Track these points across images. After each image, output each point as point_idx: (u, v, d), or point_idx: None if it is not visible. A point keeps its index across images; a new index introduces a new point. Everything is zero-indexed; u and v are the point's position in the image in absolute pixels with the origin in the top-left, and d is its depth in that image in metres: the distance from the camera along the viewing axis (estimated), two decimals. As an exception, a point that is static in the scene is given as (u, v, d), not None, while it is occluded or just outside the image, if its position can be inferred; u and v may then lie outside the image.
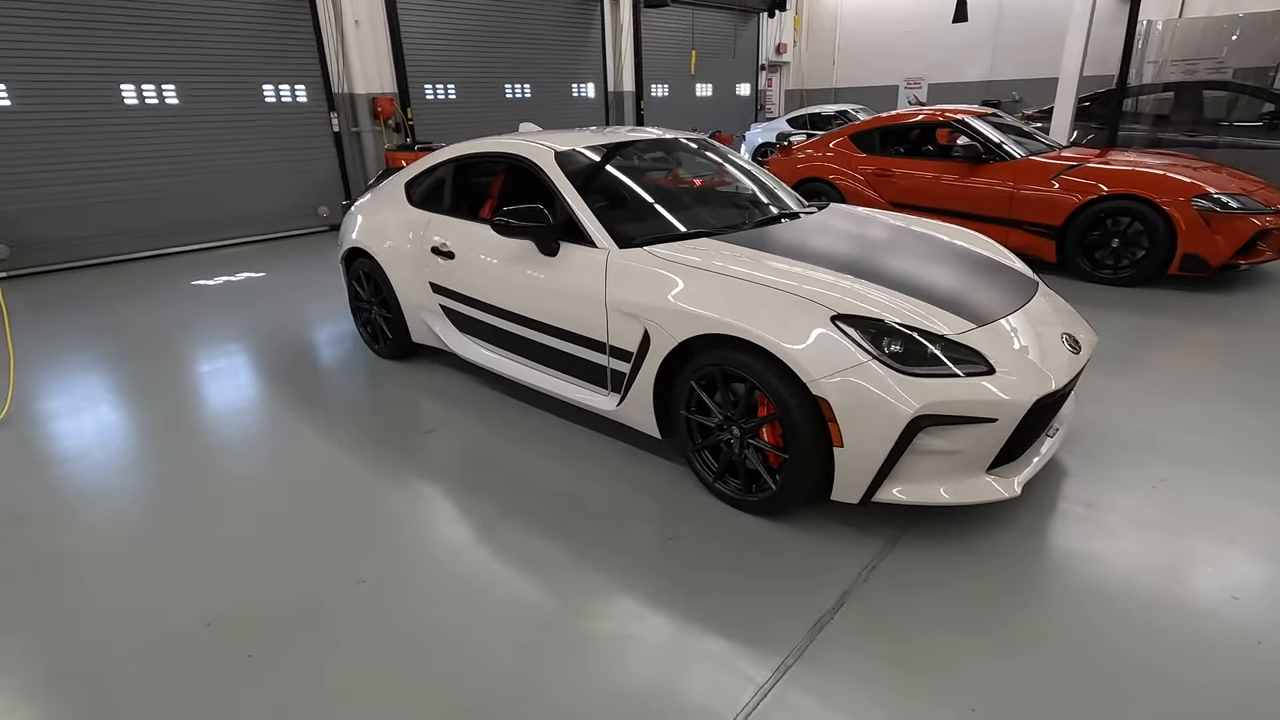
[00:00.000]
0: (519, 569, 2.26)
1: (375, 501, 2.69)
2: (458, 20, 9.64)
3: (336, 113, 8.64)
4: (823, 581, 2.15)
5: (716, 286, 2.42)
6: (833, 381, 2.11)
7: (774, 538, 2.38)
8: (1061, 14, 12.28)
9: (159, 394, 3.80)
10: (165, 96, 7.33)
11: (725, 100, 14.74)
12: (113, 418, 3.53)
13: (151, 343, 4.67)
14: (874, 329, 2.16)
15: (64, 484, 2.90)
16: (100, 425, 3.45)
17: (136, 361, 4.31)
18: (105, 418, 3.53)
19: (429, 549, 2.38)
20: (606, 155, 3.30)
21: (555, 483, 2.78)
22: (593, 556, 2.31)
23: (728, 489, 2.54)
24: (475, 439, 3.17)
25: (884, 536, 2.36)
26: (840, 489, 2.24)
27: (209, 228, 7.92)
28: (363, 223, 4.03)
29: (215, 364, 4.24)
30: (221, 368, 4.17)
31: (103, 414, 3.58)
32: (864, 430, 2.10)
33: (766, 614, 2.02)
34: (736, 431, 2.44)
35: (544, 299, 2.96)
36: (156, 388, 3.89)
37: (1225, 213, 4.78)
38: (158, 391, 3.83)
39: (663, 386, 2.64)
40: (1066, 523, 2.40)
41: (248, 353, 4.41)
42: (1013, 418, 2.12)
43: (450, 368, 4.02)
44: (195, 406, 3.63)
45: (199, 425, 3.41)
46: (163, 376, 4.05)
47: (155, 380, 4.00)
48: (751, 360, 2.27)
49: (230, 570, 2.31)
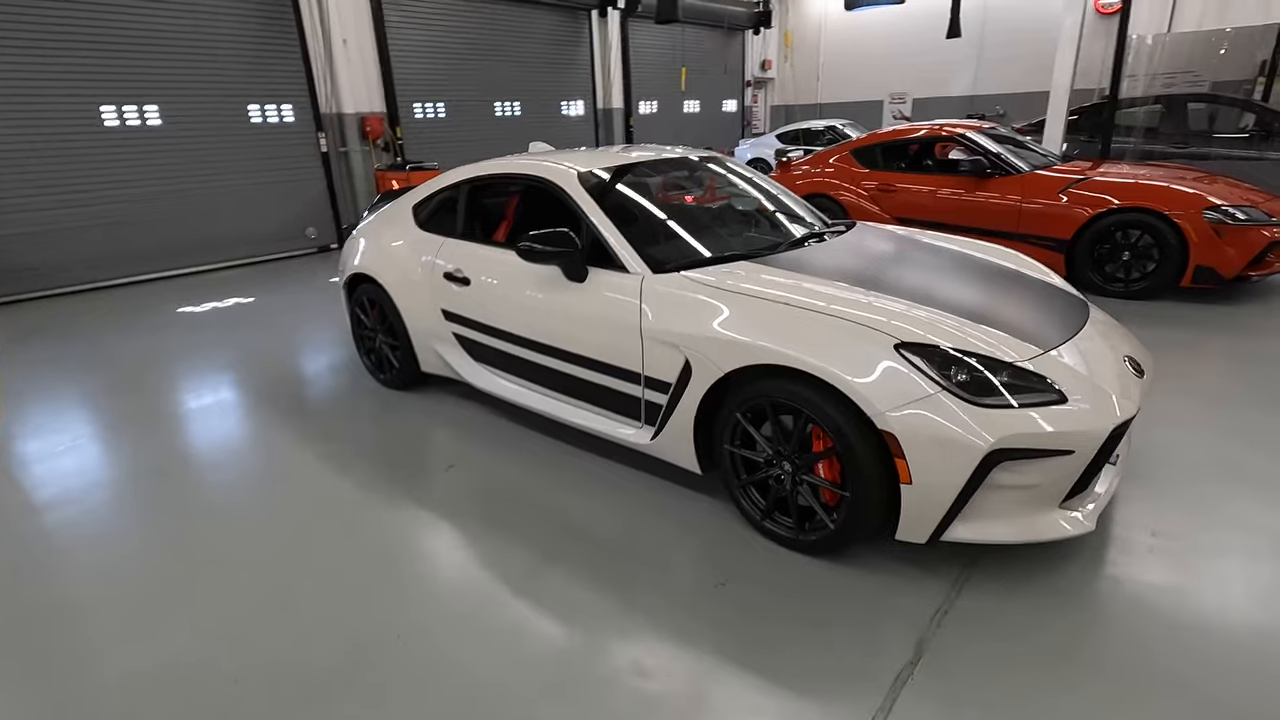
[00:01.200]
0: (567, 622, 2.09)
1: (401, 545, 2.51)
2: (446, 38, 9.53)
3: (324, 133, 8.45)
4: (894, 630, 2.01)
5: (766, 314, 2.29)
6: (900, 415, 1.98)
7: (832, 581, 2.24)
8: (1044, 30, 12.49)
9: (153, 431, 3.58)
10: (147, 117, 7.10)
11: (712, 116, 14.76)
12: (105, 458, 3.30)
13: (140, 375, 4.43)
14: (940, 357, 2.04)
15: (58, 531, 2.69)
16: (92, 466, 3.22)
17: (126, 396, 4.08)
18: (97, 458, 3.31)
19: (467, 599, 2.21)
20: (630, 176, 3.17)
21: (592, 522, 2.61)
22: (643, 606, 2.15)
23: (778, 528, 2.39)
24: (499, 475, 3.00)
25: (949, 576, 2.23)
26: (907, 528, 2.11)
27: (194, 252, 7.67)
28: (367, 247, 3.86)
29: (209, 398, 4.02)
30: (216, 401, 3.96)
31: (94, 454, 3.35)
32: (935, 466, 1.98)
33: (841, 669, 1.88)
34: (788, 467, 2.31)
35: (571, 327, 2.81)
36: (150, 424, 3.67)
37: (1236, 225, 4.77)
38: (151, 429, 3.61)
39: (703, 419, 2.50)
40: (1136, 554, 2.29)
41: (243, 385, 4.20)
42: (1090, 449, 2.00)
43: (461, 397, 3.84)
44: (193, 444, 3.42)
45: (199, 465, 3.20)
46: (155, 412, 3.83)
47: (148, 416, 3.77)
48: (807, 392, 2.14)
49: (251, 624, 2.12)
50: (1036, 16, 12.64)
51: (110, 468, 3.21)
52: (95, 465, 3.24)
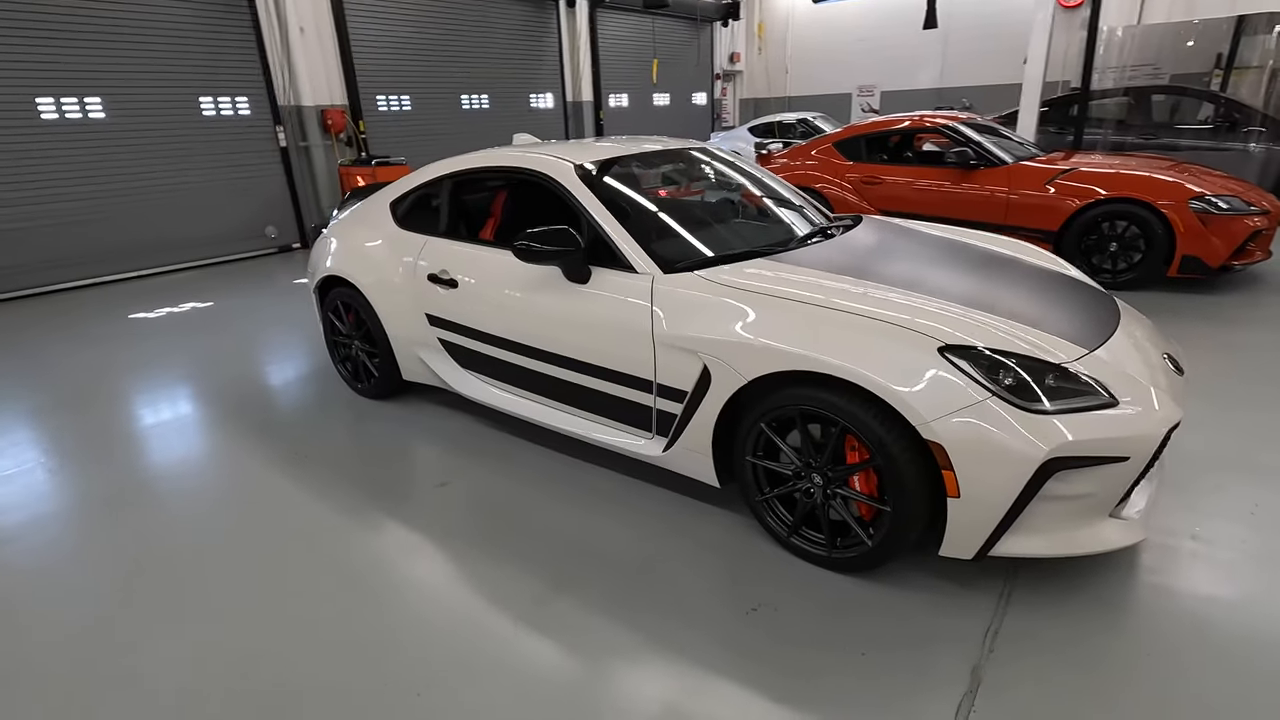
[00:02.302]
0: (590, 660, 1.89)
1: (398, 577, 2.27)
2: (410, 28, 9.15)
3: (283, 126, 8.03)
4: (944, 655, 1.87)
5: (793, 316, 2.12)
6: (948, 424, 1.83)
7: (868, 601, 2.09)
8: (1008, 23, 12.62)
9: (107, 453, 3.26)
10: (89, 110, 6.62)
11: (683, 110, 14.59)
12: (54, 485, 2.98)
13: (90, 390, 4.07)
14: (986, 361, 1.90)
15: (2, 571, 2.38)
16: (39, 495, 2.90)
17: (75, 413, 3.73)
18: (44, 486, 2.98)
19: (483, 641, 1.99)
20: (627, 169, 2.97)
21: (602, 543, 2.42)
22: (670, 638, 1.97)
23: (808, 544, 2.23)
24: (495, 492, 2.78)
25: (991, 591, 2.09)
26: (952, 544, 1.96)
27: (144, 253, 7.21)
28: (340, 248, 3.58)
29: (166, 414, 3.70)
30: (174, 418, 3.64)
31: (40, 481, 3.03)
32: (985, 478, 1.83)
33: (896, 703, 1.72)
34: (818, 480, 2.14)
35: (573, 332, 2.60)
36: (103, 446, 3.34)
37: (1220, 214, 4.79)
38: (105, 450, 3.29)
39: (722, 429, 2.32)
40: (1180, 560, 2.19)
41: (203, 398, 3.88)
42: (1145, 454, 1.89)
43: (445, 406, 3.60)
44: (149, 469, 3.11)
45: (155, 493, 2.90)
46: (109, 431, 3.50)
47: (100, 436, 3.44)
48: (843, 400, 1.98)
49: (239, 682, 1.87)
50: (1001, 10, 12.75)
51: (54, 499, 2.90)
52: (38, 496, 2.92)
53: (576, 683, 1.82)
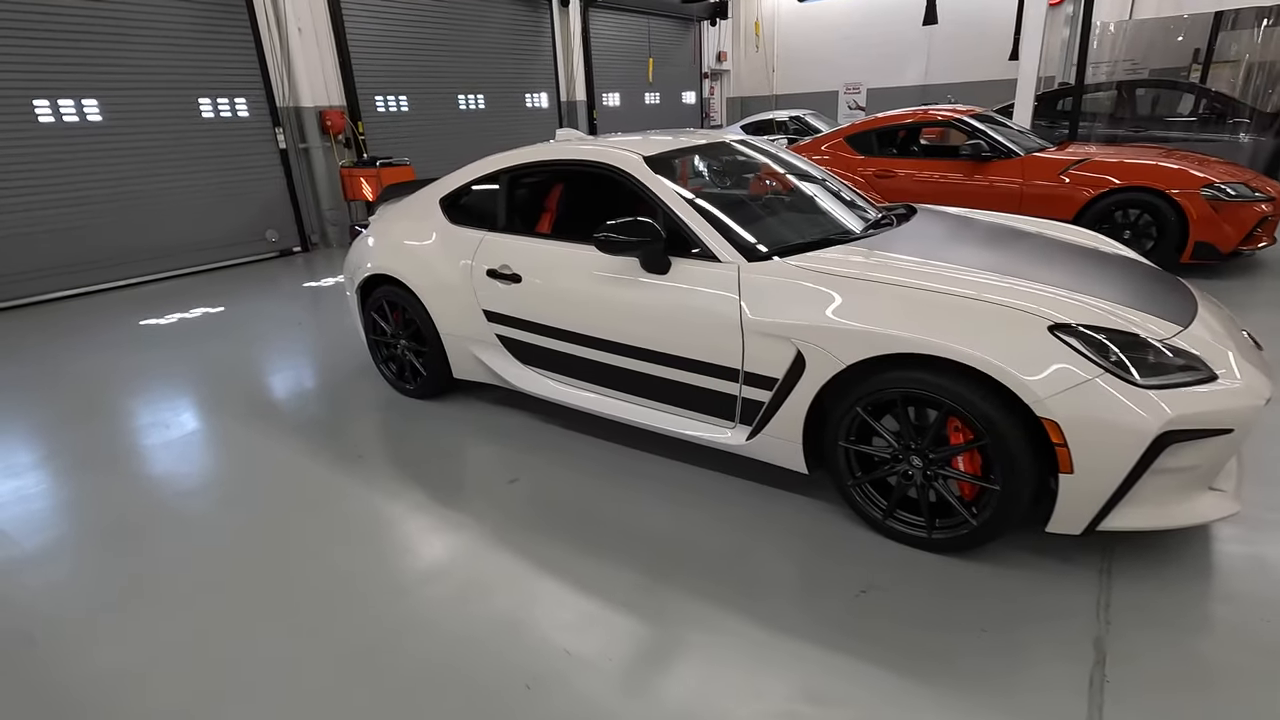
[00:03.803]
0: (706, 655, 1.89)
1: (493, 571, 2.25)
2: (406, 27, 9.05)
3: (282, 128, 7.88)
4: (1062, 629, 1.90)
5: (893, 300, 2.14)
6: (1062, 401, 1.86)
7: (972, 580, 2.11)
8: (991, 20, 12.86)
9: (149, 462, 3.18)
10: (87, 112, 6.44)
11: (673, 108, 14.62)
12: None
13: (104, 400, 3.95)
14: (1094, 339, 1.94)
15: (42, 597, 2.31)
16: (52, 521, 2.82)
17: (102, 423, 3.63)
18: (59, 510, 2.90)
19: (591, 629, 1.98)
20: (690, 160, 2.98)
21: (689, 533, 2.42)
22: (788, 624, 1.97)
23: (905, 526, 2.26)
24: (566, 486, 2.77)
25: (1089, 565, 2.14)
26: (1061, 520, 2.00)
27: (145, 259, 7.02)
28: (384, 246, 3.53)
29: (199, 423, 3.61)
30: (210, 428, 3.55)
31: (52, 504, 2.94)
32: (1100, 453, 1.87)
33: (1026, 677, 1.75)
34: (917, 461, 2.17)
35: (652, 323, 2.60)
36: (141, 456, 3.25)
37: (1230, 201, 4.93)
38: (146, 460, 3.21)
39: (812, 415, 2.34)
40: (1269, 530, 2.25)
41: (238, 406, 3.80)
42: (1246, 425, 1.94)
43: (492, 403, 3.57)
44: (191, 480, 3.03)
45: (204, 504, 2.83)
46: (146, 440, 3.41)
47: (137, 446, 3.35)
48: (949, 381, 2.01)
49: (377, 679, 1.83)
50: (984, 7, 12.99)
51: (77, 522, 2.82)
52: (55, 520, 2.84)
53: (700, 676, 1.82)
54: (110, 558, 2.45)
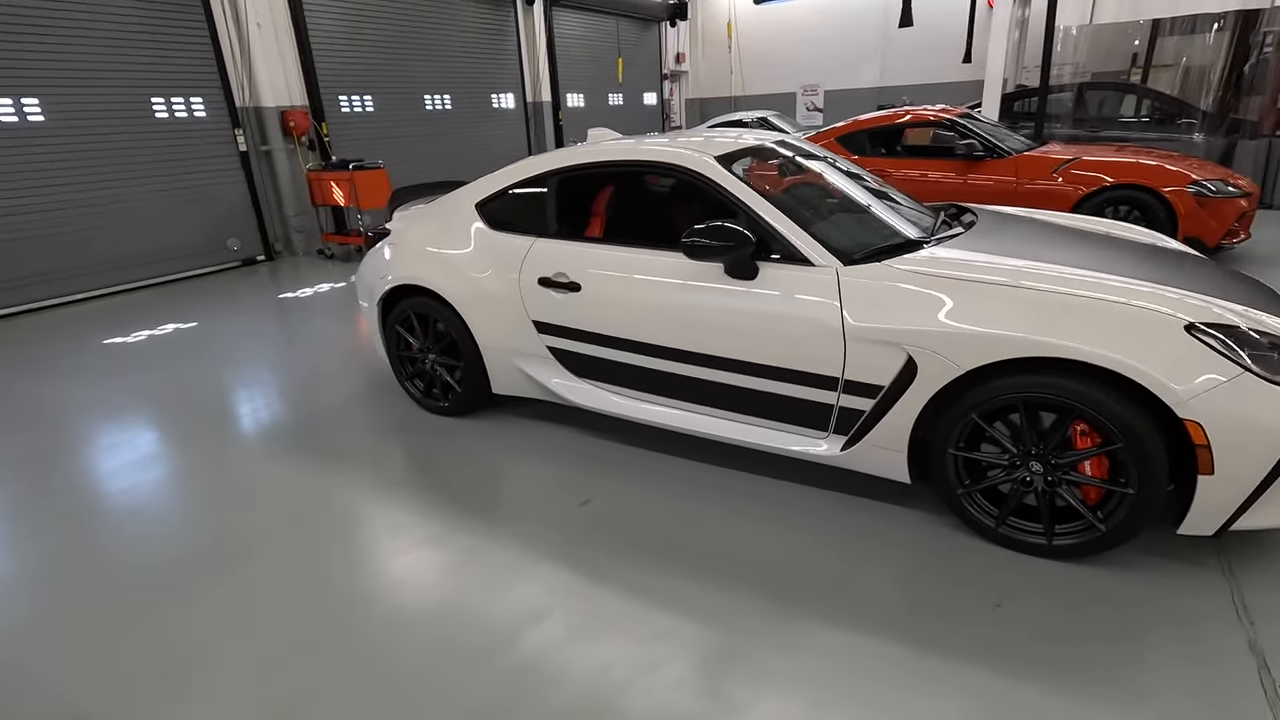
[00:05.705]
0: (864, 674, 1.78)
1: (604, 608, 2.07)
2: (369, 25, 8.64)
3: (242, 129, 7.39)
4: (1208, 633, 1.87)
5: (1009, 302, 2.07)
6: (1205, 401, 1.83)
7: (1099, 587, 2.07)
8: (944, 23, 13.24)
9: (159, 506, 2.85)
10: (26, 112, 5.86)
11: (635, 110, 14.52)
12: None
13: (91, 431, 3.57)
14: (1230, 338, 1.91)
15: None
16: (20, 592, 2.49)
17: (80, 462, 3.26)
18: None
19: (734, 664, 1.83)
20: (755, 160, 2.86)
21: (802, 555, 2.29)
22: (932, 641, 1.88)
23: (1021, 534, 2.20)
24: (644, 507, 2.61)
25: (1210, 565, 2.12)
26: (1195, 522, 1.97)
27: (100, 271, 6.45)
28: (412, 254, 3.29)
29: (212, 453, 3.29)
30: (226, 456, 3.24)
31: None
32: (1242, 453, 1.84)
33: (1190, 685, 1.70)
34: (1037, 467, 2.11)
35: (739, 331, 2.46)
36: (148, 498, 2.92)
37: (1213, 196, 5.15)
38: (156, 503, 2.88)
39: (919, 423, 2.25)
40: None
41: (248, 429, 3.48)
42: (1371, 421, 1.95)
43: (532, 418, 3.37)
44: (221, 524, 2.74)
45: (239, 552, 2.56)
46: (146, 480, 3.07)
47: (139, 487, 3.01)
48: (1080, 385, 1.95)
49: None
50: (937, 10, 13.35)
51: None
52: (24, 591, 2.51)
53: (868, 705, 1.70)
54: (126, 645, 2.16)
